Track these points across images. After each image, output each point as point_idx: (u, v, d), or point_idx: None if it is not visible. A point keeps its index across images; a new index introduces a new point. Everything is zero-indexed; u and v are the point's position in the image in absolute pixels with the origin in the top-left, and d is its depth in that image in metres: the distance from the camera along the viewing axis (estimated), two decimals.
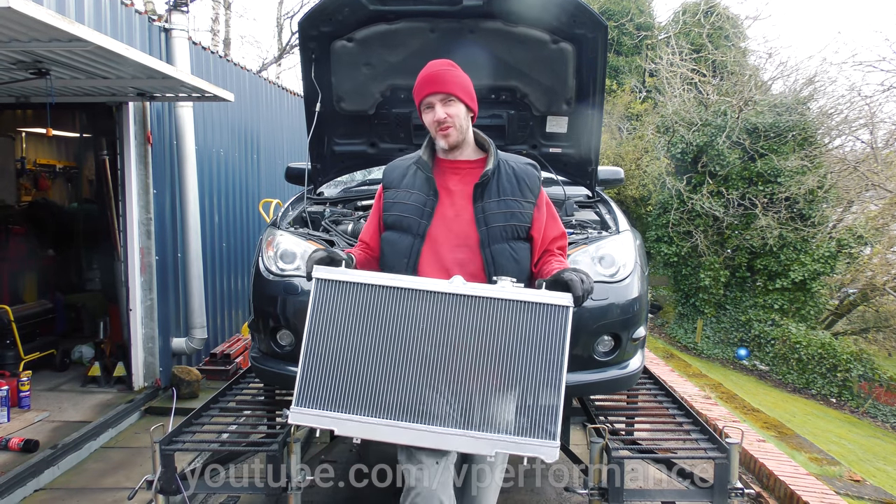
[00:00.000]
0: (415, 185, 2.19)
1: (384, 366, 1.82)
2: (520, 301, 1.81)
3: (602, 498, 2.58)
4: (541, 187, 2.21)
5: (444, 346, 1.81)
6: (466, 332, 1.81)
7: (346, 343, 1.85)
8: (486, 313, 1.82)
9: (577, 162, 3.69)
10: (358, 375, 1.82)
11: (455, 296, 1.83)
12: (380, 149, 3.83)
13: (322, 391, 1.83)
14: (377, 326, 1.85)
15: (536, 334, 1.79)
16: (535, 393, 1.74)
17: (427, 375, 1.79)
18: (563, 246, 2.25)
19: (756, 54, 17.71)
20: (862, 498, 4.13)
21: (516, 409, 1.75)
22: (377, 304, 1.86)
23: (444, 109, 2.11)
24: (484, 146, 2.25)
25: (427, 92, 2.12)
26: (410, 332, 1.83)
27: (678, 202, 12.49)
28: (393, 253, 2.18)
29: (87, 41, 3.28)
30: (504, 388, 1.78)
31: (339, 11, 3.06)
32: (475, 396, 1.77)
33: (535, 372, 1.76)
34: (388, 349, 1.83)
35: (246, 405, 3.47)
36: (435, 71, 2.13)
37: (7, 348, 5.29)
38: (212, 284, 6.42)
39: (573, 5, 2.92)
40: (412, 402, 1.78)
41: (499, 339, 1.79)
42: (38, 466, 3.87)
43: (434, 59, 2.19)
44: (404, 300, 1.85)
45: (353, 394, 1.81)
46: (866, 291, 12.97)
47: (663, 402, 3.41)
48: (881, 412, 10.18)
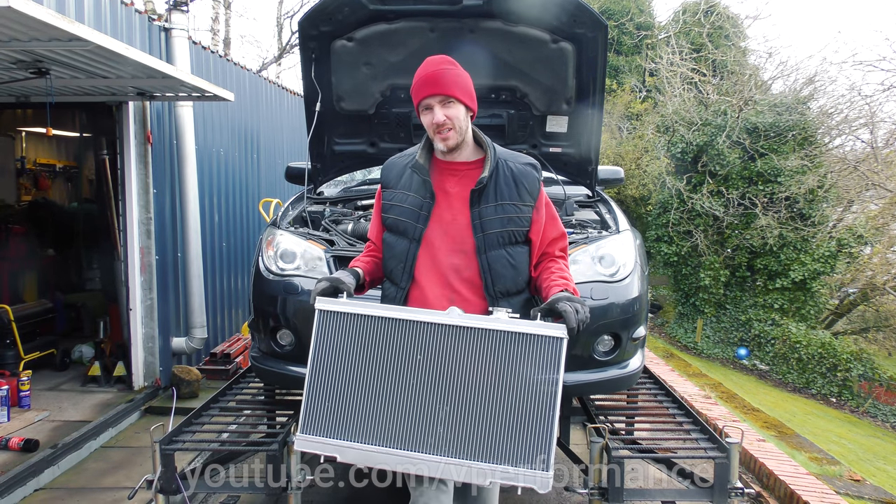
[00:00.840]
0: (412, 186, 2.15)
1: (383, 395, 1.87)
2: (514, 332, 1.84)
3: (602, 497, 2.58)
4: (541, 188, 2.16)
5: (440, 376, 1.85)
6: (462, 362, 1.85)
7: (347, 372, 1.91)
8: (481, 344, 1.85)
9: (577, 161, 3.69)
10: (359, 404, 1.88)
11: (451, 327, 1.87)
12: (380, 148, 3.83)
13: (325, 419, 1.89)
14: (377, 357, 1.90)
15: (530, 364, 1.82)
16: (529, 423, 1.78)
17: (424, 405, 1.84)
18: (564, 247, 2.21)
19: (756, 54, 17.75)
20: (862, 497, 4.13)
21: (510, 439, 1.78)
22: (377, 334, 1.91)
23: (443, 112, 2.04)
24: (483, 146, 2.17)
25: (425, 94, 2.04)
26: (408, 362, 1.88)
27: (678, 202, 12.49)
28: (391, 257, 2.17)
29: (87, 41, 3.27)
30: (499, 418, 1.80)
31: (339, 11, 3.06)
32: (471, 426, 1.81)
33: (528, 402, 1.80)
34: (388, 379, 1.88)
35: (246, 405, 3.47)
36: (433, 71, 2.04)
37: (7, 348, 5.29)
38: (212, 284, 6.42)
39: (573, 5, 2.91)
40: (410, 431, 1.83)
41: (494, 370, 1.83)
42: (38, 466, 3.87)
43: (431, 56, 2.11)
44: (402, 331, 1.90)
45: (354, 422, 1.87)
46: (866, 291, 12.97)
47: (663, 402, 3.41)
48: (881, 412, 10.18)
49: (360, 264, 2.25)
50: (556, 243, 2.18)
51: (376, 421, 1.85)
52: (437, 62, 2.07)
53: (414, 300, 2.12)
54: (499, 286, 2.07)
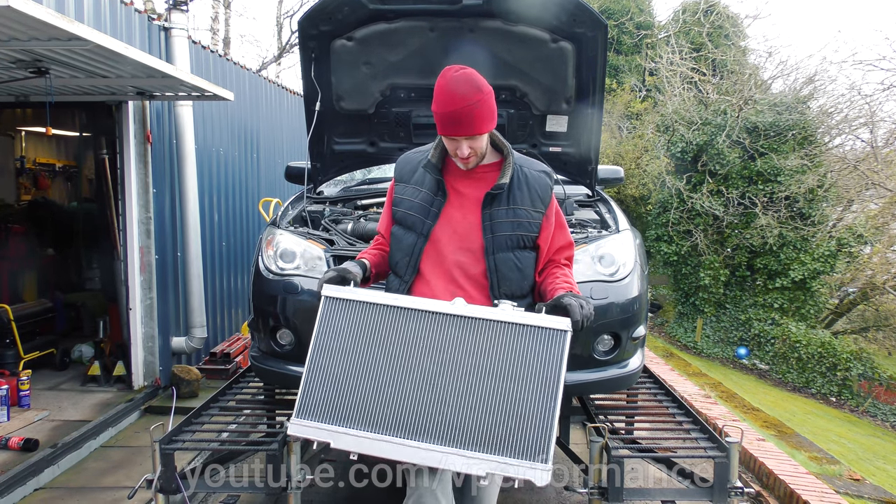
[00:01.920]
0: (424, 183, 2.17)
1: (383, 382, 1.85)
2: (518, 324, 1.83)
3: (602, 497, 2.58)
4: (552, 196, 2.17)
5: (442, 365, 1.84)
6: (465, 353, 1.84)
7: (348, 359, 1.90)
8: (484, 335, 1.84)
9: (577, 161, 3.68)
10: (357, 391, 1.86)
11: (455, 317, 1.86)
12: (379, 148, 3.83)
13: (322, 404, 1.87)
14: (379, 344, 1.89)
15: (533, 357, 1.81)
16: (530, 415, 1.77)
17: (424, 394, 1.83)
18: (571, 256, 2.22)
19: (756, 53, 17.75)
20: (862, 497, 4.13)
21: (510, 432, 1.77)
22: (380, 322, 1.91)
23: (468, 144, 2.00)
24: (501, 150, 2.16)
25: (452, 133, 1.96)
26: (410, 350, 1.87)
27: (678, 201, 12.49)
28: (397, 250, 2.19)
29: (87, 40, 3.27)
30: (499, 410, 1.79)
31: (338, 10, 3.06)
32: (471, 417, 1.79)
33: (530, 394, 1.78)
34: (389, 366, 1.87)
35: (246, 404, 3.47)
36: (460, 109, 1.90)
37: (7, 347, 5.29)
38: (212, 283, 6.42)
39: (573, 4, 2.91)
40: (408, 420, 1.81)
41: (496, 361, 1.82)
42: (37, 465, 3.87)
43: (451, 73, 1.93)
44: (406, 319, 1.89)
45: (351, 408, 1.85)
46: (866, 290, 12.97)
47: (663, 402, 3.41)
48: (881, 411, 10.19)
49: (368, 256, 2.27)
50: (563, 251, 2.20)
51: (374, 408, 1.83)
52: (462, 96, 1.90)
53: (418, 293, 2.13)
54: (504, 288, 2.09)
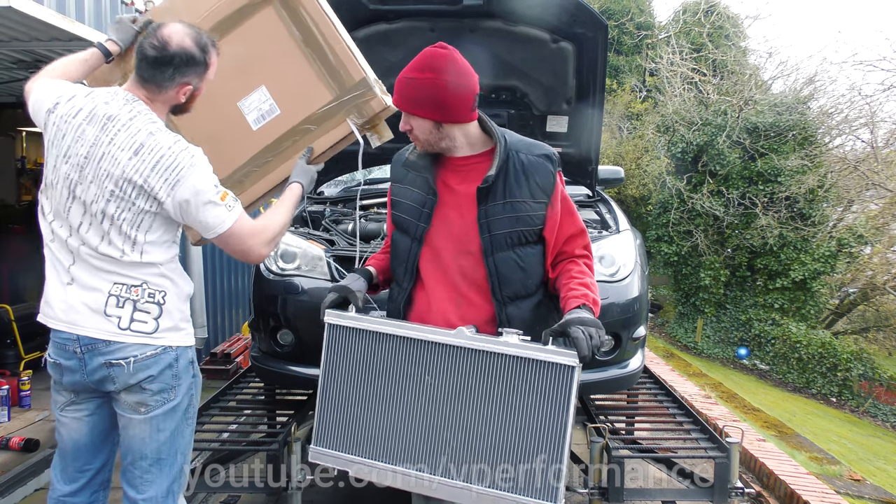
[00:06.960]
0: (415, 182, 2.03)
1: (392, 413, 1.85)
2: (523, 358, 1.76)
3: (602, 497, 2.58)
4: (556, 182, 1.95)
5: (448, 397, 1.81)
6: (470, 385, 1.80)
7: (356, 387, 1.90)
8: (489, 367, 1.78)
9: (578, 161, 3.69)
10: (368, 420, 1.88)
11: (458, 348, 1.81)
12: (380, 148, 3.82)
13: (337, 433, 1.90)
14: (384, 373, 1.88)
15: (540, 391, 1.74)
16: (539, 451, 1.73)
17: (432, 426, 1.82)
18: (586, 244, 2.02)
19: (756, 54, 17.79)
20: (862, 497, 4.13)
21: (519, 467, 1.74)
22: (384, 351, 1.88)
23: (407, 120, 1.96)
24: (492, 136, 1.96)
25: (393, 101, 1.96)
26: (415, 381, 1.84)
27: (678, 201, 12.49)
28: (395, 257, 2.08)
29: (88, 40, 3.27)
30: (506, 444, 1.76)
31: (338, 10, 3.06)
32: (478, 451, 1.77)
33: (538, 430, 1.73)
34: (396, 396, 1.86)
35: (246, 405, 3.48)
36: (402, 77, 1.91)
37: (7, 347, 5.28)
38: (212, 284, 6.42)
39: (573, 4, 2.91)
40: (419, 452, 1.82)
41: (502, 395, 1.77)
42: (38, 466, 3.86)
43: (431, 47, 1.93)
44: (409, 349, 1.85)
45: (363, 438, 1.87)
46: (866, 291, 12.97)
47: (663, 402, 3.42)
48: (881, 411, 10.18)
49: (374, 262, 2.19)
50: (575, 240, 1.99)
51: (385, 438, 1.85)
52: (412, 66, 1.91)
53: (419, 301, 2.02)
54: (506, 290, 1.94)
